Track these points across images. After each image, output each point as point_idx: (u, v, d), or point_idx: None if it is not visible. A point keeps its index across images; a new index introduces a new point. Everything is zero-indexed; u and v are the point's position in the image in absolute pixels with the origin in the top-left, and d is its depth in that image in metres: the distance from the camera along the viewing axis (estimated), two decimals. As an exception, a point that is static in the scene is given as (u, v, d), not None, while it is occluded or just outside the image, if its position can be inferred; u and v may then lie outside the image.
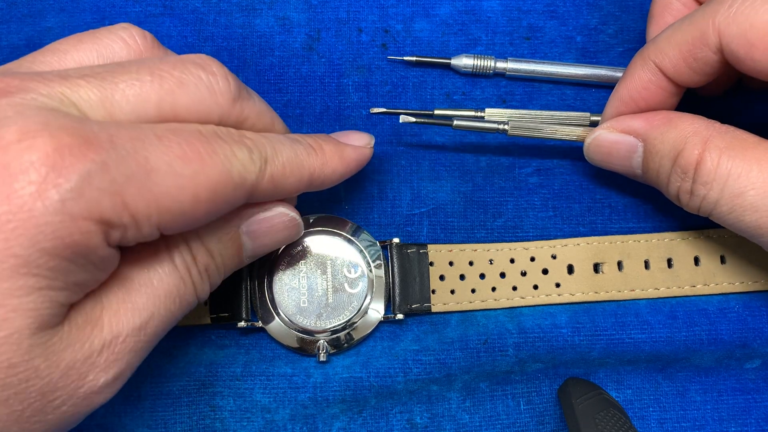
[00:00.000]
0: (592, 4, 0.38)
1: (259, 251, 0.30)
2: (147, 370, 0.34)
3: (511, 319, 0.35)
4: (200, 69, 0.26)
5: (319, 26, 0.37)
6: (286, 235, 0.30)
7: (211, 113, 0.26)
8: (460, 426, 0.34)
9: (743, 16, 0.27)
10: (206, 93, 0.26)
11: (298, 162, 0.28)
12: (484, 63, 0.36)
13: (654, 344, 0.35)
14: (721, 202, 0.29)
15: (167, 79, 0.25)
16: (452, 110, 0.36)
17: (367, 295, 0.34)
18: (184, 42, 0.36)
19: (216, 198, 0.25)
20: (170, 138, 0.24)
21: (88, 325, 0.24)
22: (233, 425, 0.34)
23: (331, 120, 0.36)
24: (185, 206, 0.24)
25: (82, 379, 0.24)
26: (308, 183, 0.29)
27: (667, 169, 0.30)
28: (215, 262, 0.28)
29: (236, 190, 0.25)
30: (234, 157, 0.25)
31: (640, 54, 0.31)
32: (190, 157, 0.24)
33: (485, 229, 0.36)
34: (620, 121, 0.32)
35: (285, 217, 0.30)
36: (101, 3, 0.36)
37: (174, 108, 0.25)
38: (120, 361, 0.25)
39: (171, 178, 0.23)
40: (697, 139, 0.29)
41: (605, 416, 0.31)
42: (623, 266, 0.36)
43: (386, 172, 0.36)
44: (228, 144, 0.25)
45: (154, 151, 0.23)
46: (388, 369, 0.34)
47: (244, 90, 0.28)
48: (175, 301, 0.26)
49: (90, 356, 0.24)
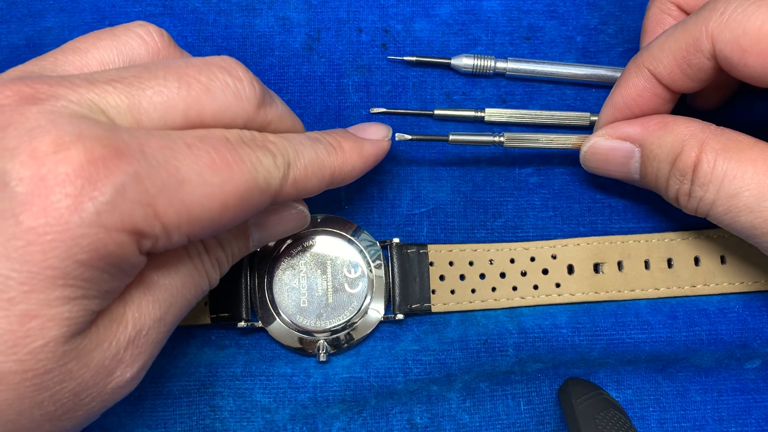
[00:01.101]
0: (592, 4, 0.38)
1: (265, 240, 0.31)
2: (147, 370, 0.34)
3: (511, 319, 0.35)
4: (227, 74, 0.26)
5: (319, 26, 0.37)
6: (293, 226, 0.31)
7: (236, 119, 0.26)
8: (460, 426, 0.34)
9: (735, 22, 0.27)
10: (233, 99, 0.26)
11: (319, 162, 0.28)
12: (484, 63, 0.36)
13: (654, 344, 0.35)
14: (717, 203, 0.29)
15: (194, 86, 0.25)
16: (452, 110, 0.36)
17: (367, 295, 0.34)
18: (184, 42, 0.36)
19: (243, 205, 0.25)
20: (199, 146, 0.24)
21: (113, 323, 0.24)
22: (233, 425, 0.34)
23: (331, 120, 0.36)
24: (214, 214, 0.24)
25: (110, 375, 0.24)
26: (329, 182, 0.29)
27: (665, 173, 0.31)
28: (224, 252, 0.28)
29: (262, 195, 0.25)
30: (259, 163, 0.25)
31: (634, 61, 0.31)
32: (219, 166, 0.24)
33: (485, 229, 0.36)
34: (615, 128, 0.32)
35: (293, 209, 0.30)
36: (101, 3, 0.36)
37: (200, 115, 0.25)
38: (144, 353, 0.25)
39: (201, 187, 0.23)
40: (694, 141, 0.29)
41: (605, 416, 0.31)
42: (623, 266, 0.36)
43: (386, 172, 0.36)
44: (253, 150, 0.25)
45: (185, 161, 0.23)
46: (388, 369, 0.34)
47: (267, 95, 0.28)
48: (190, 290, 0.27)
49: (117, 353, 0.24)
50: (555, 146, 0.34)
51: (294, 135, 0.28)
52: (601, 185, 0.37)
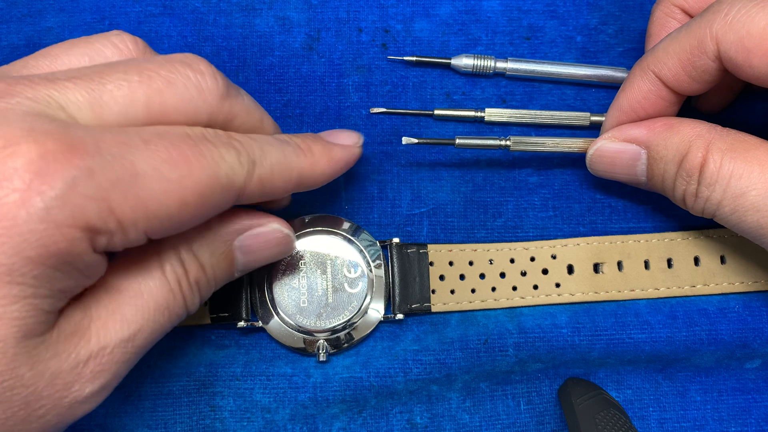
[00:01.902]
0: (592, 4, 0.38)
1: (251, 266, 0.30)
2: (147, 370, 0.34)
3: (511, 319, 0.35)
4: (188, 68, 0.26)
5: (319, 26, 0.37)
6: (279, 251, 0.31)
7: (199, 112, 0.26)
8: (460, 426, 0.34)
9: (739, 23, 0.27)
10: (194, 92, 0.26)
11: (286, 163, 0.28)
12: (484, 63, 0.36)
13: (654, 344, 0.35)
14: (724, 203, 0.29)
15: (155, 79, 0.25)
16: (452, 110, 0.36)
17: (367, 294, 0.34)
18: (184, 42, 0.36)
19: (203, 201, 0.24)
20: (157, 142, 0.23)
21: (75, 335, 0.24)
22: (233, 425, 0.34)
23: (331, 120, 0.36)
24: (172, 210, 0.23)
25: (68, 388, 0.24)
26: (296, 184, 0.29)
27: (672, 174, 0.31)
28: (207, 275, 0.28)
29: (224, 193, 0.25)
30: (222, 160, 0.25)
31: (639, 64, 0.32)
32: (177, 161, 0.23)
33: (485, 229, 0.36)
34: (621, 131, 0.32)
35: (279, 233, 0.30)
36: (101, 3, 0.36)
37: (163, 108, 0.25)
38: (106, 371, 0.24)
39: (158, 182, 0.23)
40: (700, 142, 0.29)
41: (605, 416, 0.31)
42: (623, 266, 0.36)
43: (386, 172, 0.36)
44: (216, 147, 0.25)
45: (141, 156, 0.23)
46: (388, 369, 0.34)
47: (232, 88, 0.27)
48: (164, 314, 0.26)
49: (76, 366, 0.24)
50: (561, 150, 0.34)
51: (261, 135, 0.28)
52: (601, 185, 0.36)
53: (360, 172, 0.36)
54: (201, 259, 0.27)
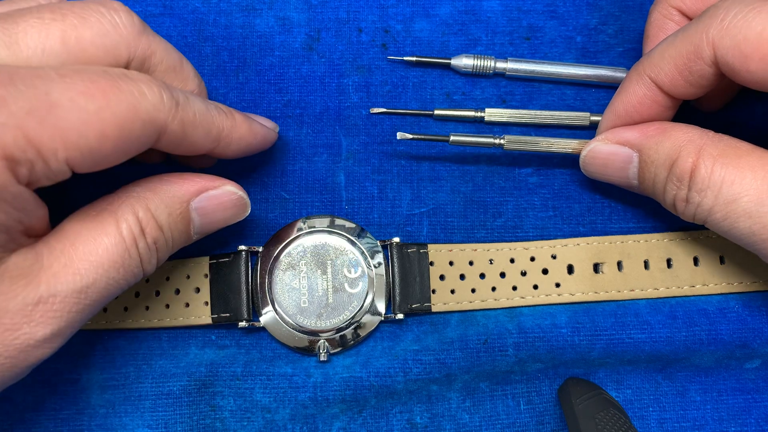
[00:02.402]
0: (592, 4, 0.38)
1: (207, 228, 0.31)
2: (148, 370, 0.34)
3: (511, 319, 0.35)
4: (101, 6, 0.27)
5: (319, 26, 0.37)
6: (234, 213, 0.31)
7: (118, 46, 0.27)
8: (460, 426, 0.34)
9: (736, 28, 0.27)
10: (109, 26, 0.27)
11: (209, 117, 0.29)
12: (484, 63, 0.36)
13: (654, 344, 0.35)
14: (715, 209, 0.29)
15: (69, 16, 0.26)
16: (452, 110, 0.36)
17: (367, 294, 0.34)
18: (184, 42, 0.36)
19: (124, 134, 0.25)
20: (73, 75, 0.24)
21: (23, 278, 0.24)
22: (233, 425, 0.34)
23: (331, 120, 0.36)
24: (92, 142, 0.24)
25: (17, 329, 0.24)
26: (216, 140, 0.30)
27: (662, 179, 0.31)
28: (164, 236, 0.28)
29: (145, 127, 0.26)
30: (143, 95, 0.25)
31: (635, 69, 0.31)
32: (94, 93, 0.24)
33: (485, 229, 0.36)
34: (615, 133, 0.32)
35: (233, 195, 0.31)
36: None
37: (79, 42, 0.26)
38: (59, 318, 0.25)
39: (75, 112, 0.23)
40: (692, 147, 0.29)
41: (605, 416, 0.31)
42: (623, 266, 0.36)
43: (386, 172, 0.36)
44: (136, 83, 0.25)
45: (56, 87, 0.23)
46: (388, 369, 0.34)
47: (149, 29, 0.29)
48: (119, 271, 0.27)
49: (24, 308, 0.24)
50: (555, 150, 0.34)
51: (187, 90, 0.29)
52: (600, 185, 0.37)
53: (360, 172, 0.36)
54: (158, 219, 0.28)
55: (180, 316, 0.34)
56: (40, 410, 0.33)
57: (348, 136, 0.36)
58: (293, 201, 0.36)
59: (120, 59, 0.28)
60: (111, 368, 0.34)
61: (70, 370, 0.34)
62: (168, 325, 0.34)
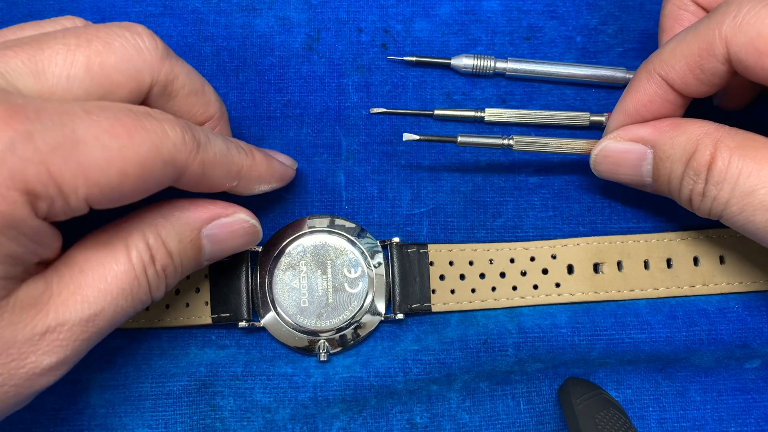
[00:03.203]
0: (592, 4, 0.38)
1: (217, 255, 0.30)
2: (148, 370, 0.34)
3: (511, 319, 0.35)
4: (125, 30, 0.27)
5: (319, 26, 0.37)
6: (246, 241, 0.31)
7: (141, 71, 0.27)
8: (460, 426, 0.34)
9: (750, 25, 0.26)
10: (133, 51, 0.27)
11: (229, 156, 0.29)
12: (484, 63, 0.36)
13: (654, 344, 0.35)
14: (732, 202, 0.28)
15: (93, 42, 0.26)
16: (452, 110, 0.36)
17: (367, 294, 0.34)
18: (184, 42, 0.36)
19: (145, 174, 0.25)
20: (99, 113, 0.24)
21: (33, 308, 0.24)
22: (233, 425, 0.34)
23: (331, 120, 0.36)
24: (113, 180, 0.24)
25: (23, 359, 0.24)
26: (236, 178, 0.29)
27: (678, 173, 0.30)
28: (174, 262, 0.28)
29: (166, 167, 0.25)
30: (165, 135, 0.25)
31: (645, 67, 0.31)
32: (119, 132, 0.24)
33: (485, 229, 0.36)
34: (627, 130, 0.32)
35: (245, 223, 0.30)
36: (101, 3, 0.36)
37: (103, 68, 0.26)
38: (64, 347, 0.25)
39: (98, 150, 0.23)
40: (709, 140, 0.29)
41: (605, 416, 0.31)
42: (623, 266, 0.36)
43: (386, 172, 0.36)
44: (159, 122, 0.25)
45: (82, 124, 0.23)
46: (388, 369, 0.34)
47: (172, 52, 0.28)
48: (127, 299, 0.26)
49: (32, 338, 0.24)
50: (564, 151, 0.34)
51: (208, 129, 0.29)
52: (601, 186, 0.37)
53: (360, 172, 0.36)
54: (169, 245, 0.28)
55: (180, 316, 0.34)
56: (40, 410, 0.33)
57: (348, 136, 0.36)
58: (293, 201, 0.36)
59: (143, 84, 0.27)
60: (111, 368, 0.34)
61: (70, 370, 0.34)
62: (168, 325, 0.34)
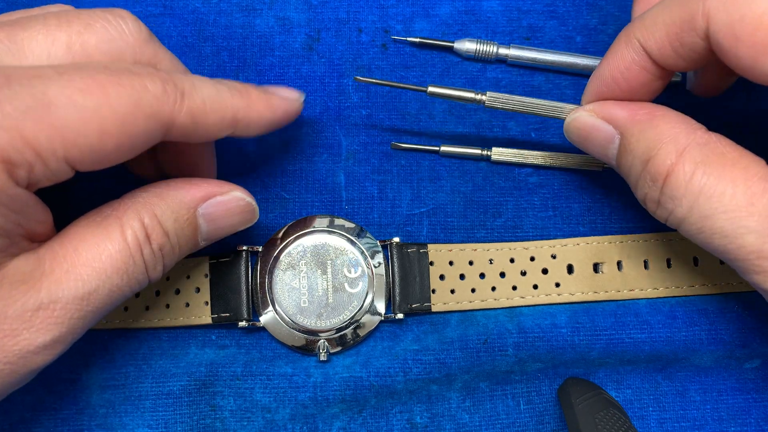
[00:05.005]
0: (592, 4, 0.38)
1: (214, 234, 0.30)
2: (148, 369, 0.34)
3: (511, 319, 0.35)
4: (107, 13, 0.27)
5: (319, 26, 0.37)
6: (242, 219, 0.31)
7: (123, 53, 0.27)
8: (460, 426, 0.34)
9: (735, 4, 0.24)
10: (115, 33, 0.27)
11: (220, 100, 0.28)
12: (486, 48, 0.36)
13: (654, 344, 0.35)
14: (690, 221, 0.27)
15: (74, 23, 0.26)
16: (448, 89, 0.34)
17: (367, 294, 0.34)
18: (184, 42, 0.36)
19: (126, 130, 0.24)
20: (72, 73, 0.24)
21: (23, 284, 0.24)
22: (233, 425, 0.34)
23: (331, 120, 0.36)
24: (92, 139, 0.24)
25: (16, 335, 0.24)
26: (232, 123, 0.29)
27: (637, 171, 0.28)
28: (170, 242, 0.28)
29: (149, 121, 0.25)
30: (145, 89, 0.25)
31: (625, 31, 0.29)
32: (92, 90, 0.23)
33: (485, 228, 0.36)
34: (603, 106, 0.30)
35: (241, 201, 0.30)
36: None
37: (84, 48, 0.26)
38: (60, 325, 0.25)
39: (73, 110, 0.23)
40: (672, 147, 0.27)
41: (605, 416, 0.31)
42: (623, 266, 0.36)
43: (386, 172, 0.36)
44: (138, 76, 0.25)
45: (53, 85, 0.23)
46: (388, 369, 0.34)
47: (156, 38, 0.28)
48: (122, 278, 0.26)
49: (23, 314, 0.24)
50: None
51: (195, 75, 0.28)
52: (601, 185, 0.37)
53: (360, 172, 0.36)
54: (164, 225, 0.28)
55: (180, 316, 0.34)
56: (40, 410, 0.33)
57: (348, 136, 0.36)
58: (293, 201, 0.36)
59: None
60: (111, 368, 0.34)
61: (69, 369, 0.34)
62: (168, 324, 0.34)
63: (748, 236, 0.25)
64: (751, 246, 0.25)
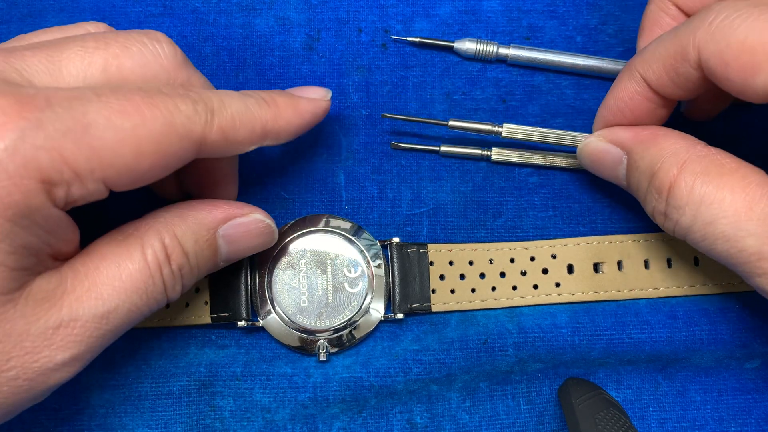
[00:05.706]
0: (592, 4, 0.38)
1: (233, 256, 0.30)
2: (147, 369, 0.34)
3: (511, 319, 0.35)
4: (144, 36, 0.27)
5: (319, 26, 0.37)
6: (261, 242, 0.31)
7: (158, 77, 0.27)
8: (460, 426, 0.34)
9: (721, 33, 0.26)
10: (150, 57, 0.27)
11: (248, 114, 0.28)
12: (486, 48, 0.36)
13: (654, 344, 0.35)
14: (694, 229, 0.28)
15: (112, 45, 0.26)
16: (468, 122, 0.35)
17: (367, 294, 0.34)
18: (184, 42, 0.36)
19: (160, 150, 0.25)
20: (109, 95, 0.24)
21: (46, 302, 0.24)
22: (233, 425, 0.34)
23: (331, 120, 0.36)
24: (128, 159, 0.24)
25: (37, 353, 0.24)
26: (262, 135, 0.29)
27: (644, 187, 0.30)
28: (190, 263, 0.28)
29: (182, 141, 0.25)
30: (177, 109, 0.25)
31: (628, 65, 0.31)
32: (129, 111, 0.24)
33: (485, 228, 0.36)
34: (610, 131, 0.32)
35: (261, 223, 0.31)
36: (101, 3, 0.36)
37: (120, 71, 0.26)
38: (78, 343, 0.25)
39: (110, 132, 0.23)
40: (673, 160, 0.28)
41: (605, 416, 0.31)
42: (623, 266, 0.36)
43: (386, 172, 0.36)
44: (170, 98, 0.25)
45: (92, 107, 0.23)
46: (388, 369, 0.34)
47: (191, 63, 0.29)
48: (141, 297, 0.27)
49: (45, 332, 0.24)
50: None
51: (222, 90, 0.29)
52: (601, 185, 0.37)
53: (360, 172, 0.36)
54: (185, 245, 0.28)
55: (179, 316, 0.34)
56: (40, 409, 0.33)
57: (348, 136, 0.36)
58: (293, 201, 0.36)
59: None
60: (111, 368, 0.34)
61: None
62: (167, 324, 0.34)
63: (748, 239, 0.26)
64: (751, 248, 0.26)
